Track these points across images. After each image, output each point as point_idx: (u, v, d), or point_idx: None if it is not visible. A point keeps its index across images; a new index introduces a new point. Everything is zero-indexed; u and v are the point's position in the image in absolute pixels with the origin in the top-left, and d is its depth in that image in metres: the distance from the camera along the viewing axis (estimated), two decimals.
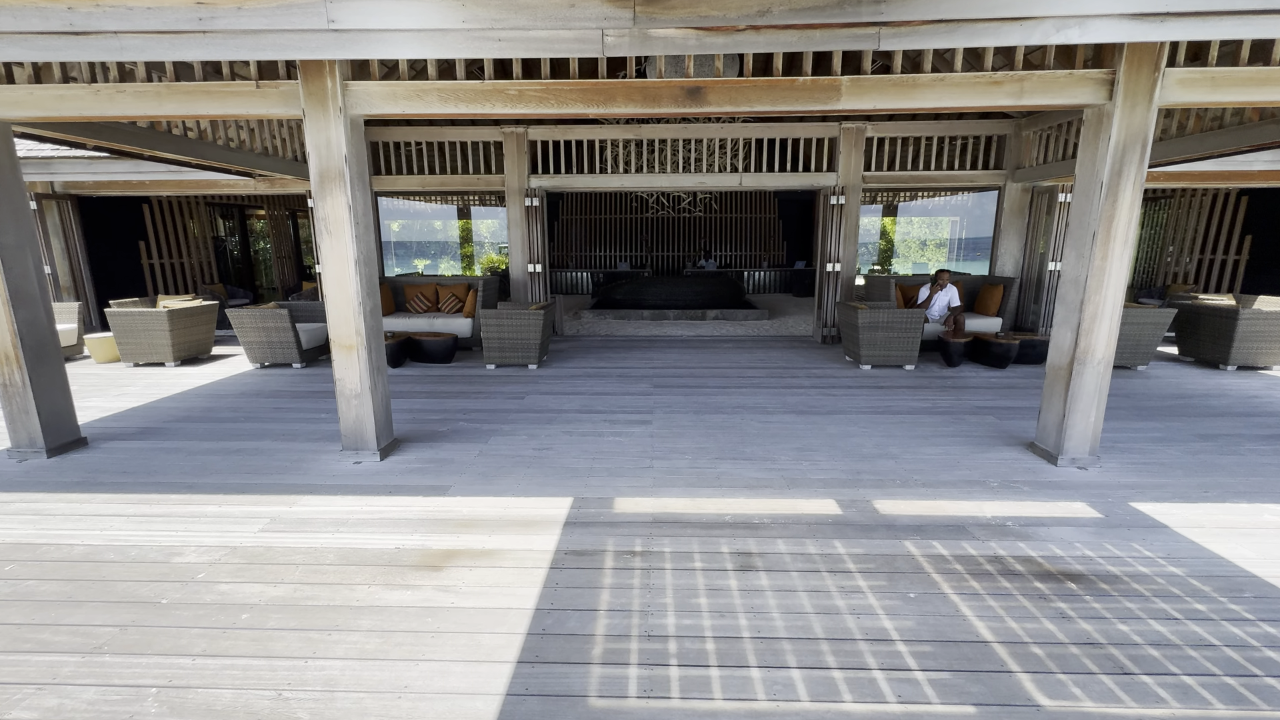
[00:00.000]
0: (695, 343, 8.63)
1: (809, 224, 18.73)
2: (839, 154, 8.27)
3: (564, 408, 5.33)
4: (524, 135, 8.40)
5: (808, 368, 6.94)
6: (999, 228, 8.52)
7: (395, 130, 8.53)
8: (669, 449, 4.28)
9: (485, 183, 8.61)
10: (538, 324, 6.77)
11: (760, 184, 8.49)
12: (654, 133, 8.40)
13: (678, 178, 8.52)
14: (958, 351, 6.82)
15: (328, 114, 3.60)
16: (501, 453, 4.22)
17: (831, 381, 6.24)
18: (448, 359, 7.23)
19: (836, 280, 8.26)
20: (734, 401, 5.50)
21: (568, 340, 8.94)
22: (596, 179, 8.54)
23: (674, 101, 3.59)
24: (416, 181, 8.64)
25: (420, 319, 8.00)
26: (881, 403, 5.44)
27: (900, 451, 4.20)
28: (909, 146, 8.48)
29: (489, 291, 8.20)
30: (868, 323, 6.62)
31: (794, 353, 7.83)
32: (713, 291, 11.55)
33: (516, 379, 6.42)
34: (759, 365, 7.08)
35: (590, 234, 17.91)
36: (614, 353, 7.91)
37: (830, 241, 8.19)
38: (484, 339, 6.86)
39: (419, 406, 5.39)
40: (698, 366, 7.02)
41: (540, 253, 8.48)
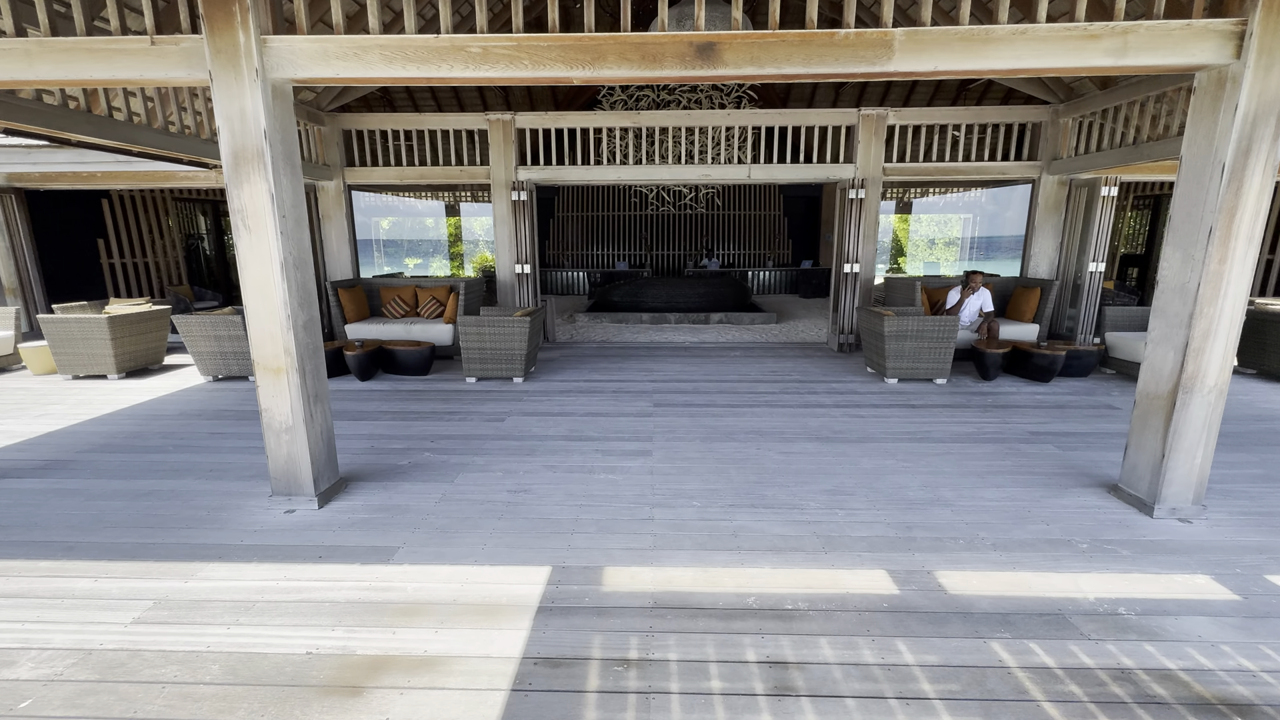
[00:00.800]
0: (699, 351, 7.87)
1: (815, 221, 17.99)
2: (857, 143, 7.51)
3: (549, 433, 4.58)
4: (510, 123, 7.63)
5: (826, 381, 6.18)
6: (1032, 225, 7.76)
7: (368, 117, 7.76)
8: (673, 491, 3.52)
9: (469, 175, 7.84)
10: (523, 333, 6.01)
11: (771, 176, 7.73)
12: (653, 120, 7.63)
13: (680, 170, 7.76)
14: (995, 363, 6.07)
15: (240, 77, 2.84)
16: (469, 496, 3.46)
17: (856, 399, 5.49)
18: (423, 370, 6.48)
19: (855, 282, 7.50)
20: (746, 425, 4.75)
21: (559, 347, 8.18)
22: (591, 171, 7.77)
23: (680, 61, 2.84)
24: (394, 174, 7.88)
25: (397, 325, 7.24)
26: (918, 427, 4.69)
27: (954, 495, 3.45)
28: (934, 136, 7.73)
29: (472, 294, 7.44)
30: (895, 331, 5.87)
31: (809, 362, 7.08)
32: (717, 293, 10.80)
33: (498, 395, 5.67)
34: (771, 378, 6.33)
35: (587, 231, 17.15)
36: (610, 362, 7.15)
37: (848, 239, 7.43)
38: (463, 349, 6.10)
39: (381, 432, 4.63)
40: (703, 380, 6.26)
41: (529, 252, 7.72)
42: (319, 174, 7.63)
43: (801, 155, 7.74)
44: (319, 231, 7.96)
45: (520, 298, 7.83)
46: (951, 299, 6.93)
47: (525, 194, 7.53)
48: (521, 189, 7.51)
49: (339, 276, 8.10)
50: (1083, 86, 7.05)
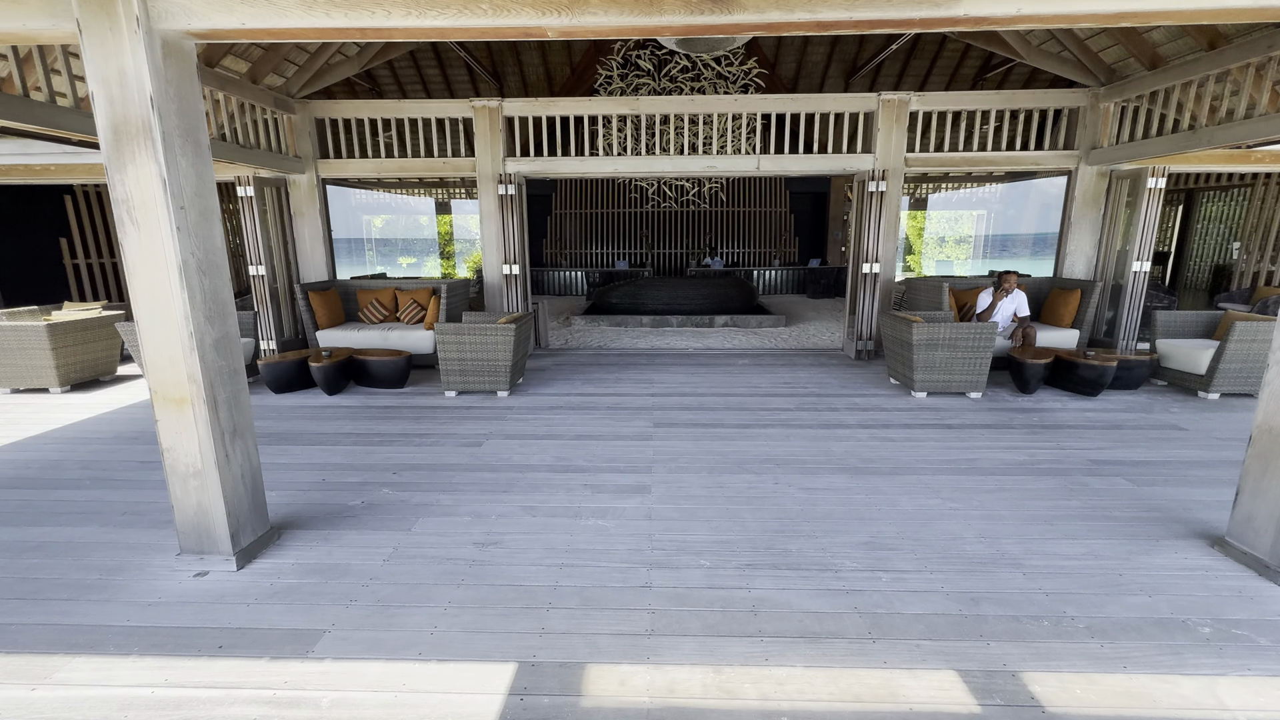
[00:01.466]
0: (704, 358, 7.23)
1: (823, 218, 17.34)
2: (877, 131, 6.86)
3: (533, 461, 3.94)
4: (498, 110, 6.99)
5: (846, 394, 5.54)
6: (1067, 220, 7.10)
7: (343, 105, 7.12)
8: (675, 543, 2.89)
9: (453, 168, 7.20)
10: (507, 342, 5.38)
11: (782, 168, 7.08)
12: (654, 107, 6.98)
13: (682, 161, 7.11)
14: (1036, 375, 5.42)
15: (117, 28, 2.20)
16: (426, 551, 2.83)
17: (882, 418, 4.84)
18: (399, 383, 5.85)
19: (874, 284, 6.85)
20: (760, 450, 4.11)
21: (552, 354, 7.55)
22: (585, 163, 7.13)
23: (685, 6, 2.19)
24: (371, 166, 7.24)
25: (374, 331, 6.62)
26: (959, 453, 4.04)
27: (1021, 550, 2.81)
28: (960, 123, 7.08)
29: (455, 298, 6.81)
30: (925, 340, 5.22)
31: (825, 372, 6.43)
32: (721, 294, 10.16)
33: (479, 413, 5.03)
34: (785, 391, 5.68)
35: (585, 229, 16.52)
36: (606, 371, 6.51)
37: (867, 236, 6.78)
38: (441, 360, 5.47)
39: (338, 460, 4.00)
40: (708, 393, 5.63)
41: (518, 251, 7.07)
42: (289, 166, 7.00)
43: (815, 145, 7.09)
44: (290, 229, 7.33)
45: (508, 301, 7.20)
46: (982, 302, 6.28)
47: (513, 187, 6.89)
48: (509, 182, 6.87)
49: (313, 278, 7.47)
50: (1126, 67, 6.38)
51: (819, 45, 12.37)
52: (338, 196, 18.49)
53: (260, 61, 6.40)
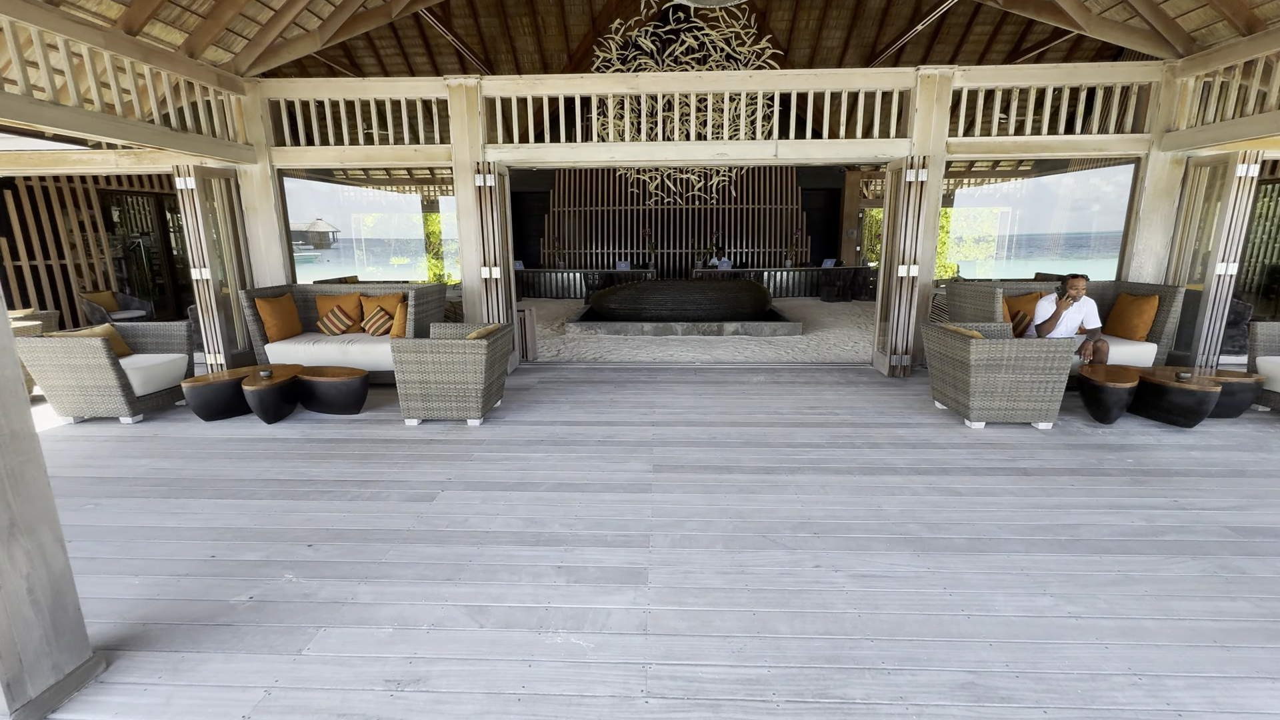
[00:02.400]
0: (713, 374, 6.29)
1: (836, 216, 16.39)
2: (914, 113, 5.92)
3: (494, 527, 3.03)
4: (476, 89, 6.07)
5: (886, 424, 4.60)
6: (1135, 215, 6.13)
7: (299, 84, 6.22)
8: (682, 684, 1.96)
9: (426, 156, 6.29)
10: (477, 362, 4.46)
11: (803, 156, 6.14)
12: (655, 85, 6.06)
13: (689, 148, 6.18)
14: (1118, 401, 4.46)
15: None
16: (310, 701, 1.91)
17: (937, 457, 3.90)
18: (353, 407, 4.94)
19: (912, 289, 5.90)
20: (790, 509, 3.18)
21: (540, 368, 6.62)
22: (578, 150, 6.21)
23: None
24: (333, 155, 6.34)
25: (332, 344, 5.72)
26: (1051, 514, 3.10)
27: (1203, 704, 1.87)
28: (1010, 103, 6.11)
29: (426, 305, 5.90)
30: (985, 359, 4.28)
31: (855, 394, 5.49)
32: (732, 298, 9.22)
33: (440, 449, 4.12)
34: (811, 418, 4.75)
35: (585, 228, 15.62)
36: (600, 392, 5.59)
37: (903, 234, 5.82)
38: (399, 383, 4.56)
39: (243, 523, 3.09)
40: (720, 421, 4.70)
41: (498, 251, 6.14)
42: (239, 155, 6.11)
43: (843, 130, 6.14)
44: (241, 227, 6.43)
45: (488, 309, 6.27)
46: (1042, 312, 5.32)
47: (493, 178, 5.97)
48: (489, 172, 5.94)
49: (270, 282, 6.58)
50: (1212, 34, 5.41)
51: (835, 29, 11.42)
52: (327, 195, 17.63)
53: (198, 32, 5.51)
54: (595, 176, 15.35)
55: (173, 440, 4.35)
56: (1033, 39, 10.42)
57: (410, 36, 11.17)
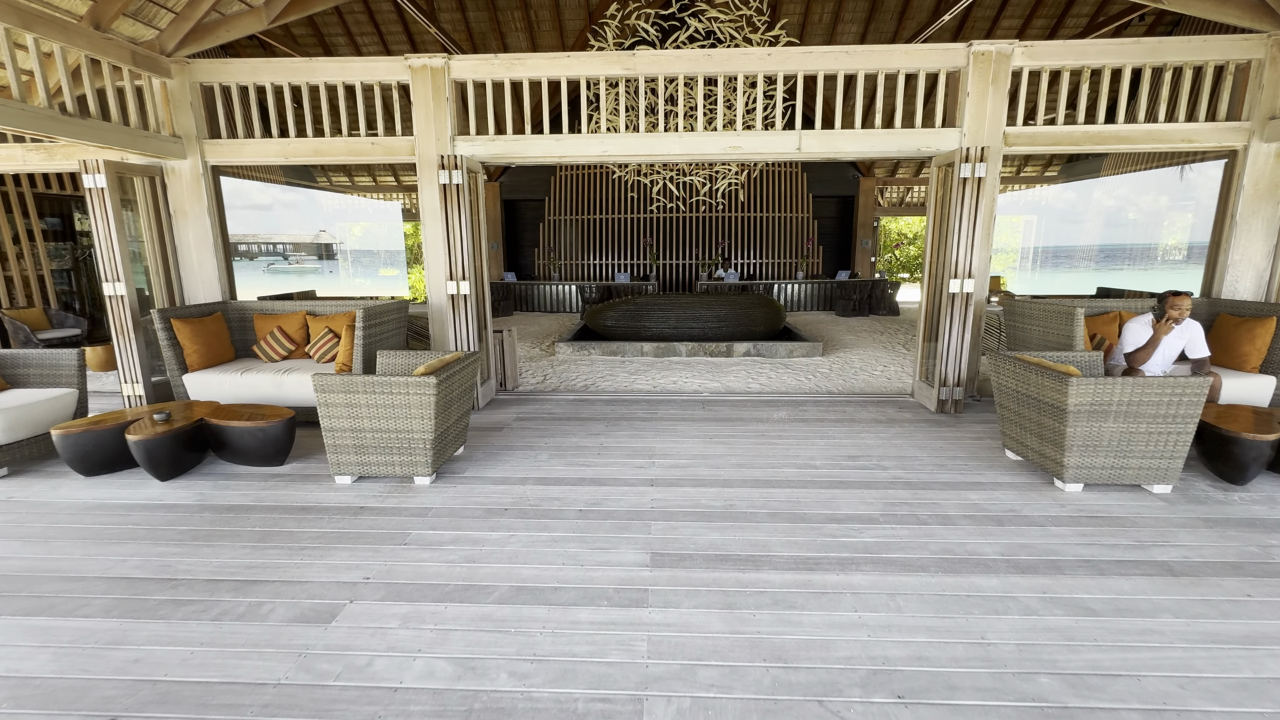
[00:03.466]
0: (724, 407, 5.27)
1: (848, 225, 15.44)
2: (964, 97, 4.95)
3: (407, 679, 2.00)
4: (443, 71, 5.12)
5: (953, 484, 3.57)
6: (1229, 219, 5.12)
7: (235, 66, 5.27)
8: None
9: (386, 150, 5.33)
10: (425, 405, 3.44)
11: (831, 149, 5.17)
12: (656, 65, 5.10)
13: (696, 140, 5.21)
14: (1257, 457, 3.43)
15: None
16: None
17: (1038, 543, 2.87)
18: (276, 457, 3.92)
19: (966, 308, 4.88)
20: (856, 647, 2.16)
21: (520, 400, 5.61)
22: (563, 143, 5.25)
23: None
24: (275, 149, 5.38)
25: (266, 373, 4.72)
26: (1246, 658, 2.07)
27: None
28: (1079, 86, 5.14)
29: (380, 327, 4.90)
30: (1088, 403, 3.25)
31: (901, 436, 4.46)
32: (742, 315, 8.21)
33: (367, 527, 3.10)
34: (855, 475, 3.72)
35: (582, 238, 14.67)
36: (587, 434, 4.57)
37: (956, 243, 4.82)
38: (325, 431, 3.55)
39: (30, 670, 2.07)
40: (738, 478, 3.67)
41: (467, 262, 5.14)
42: (164, 149, 5.16)
43: (878, 117, 5.16)
44: (168, 235, 5.47)
45: (456, 332, 5.26)
46: (1133, 336, 4.29)
47: (460, 175, 4.98)
48: (455, 167, 4.96)
49: (203, 297, 5.60)
50: None
51: (851, 22, 10.52)
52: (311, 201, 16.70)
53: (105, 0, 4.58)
54: (593, 183, 14.44)
55: (26, 507, 3.34)
56: (1074, 22, 9.47)
57: (393, 31, 10.29)
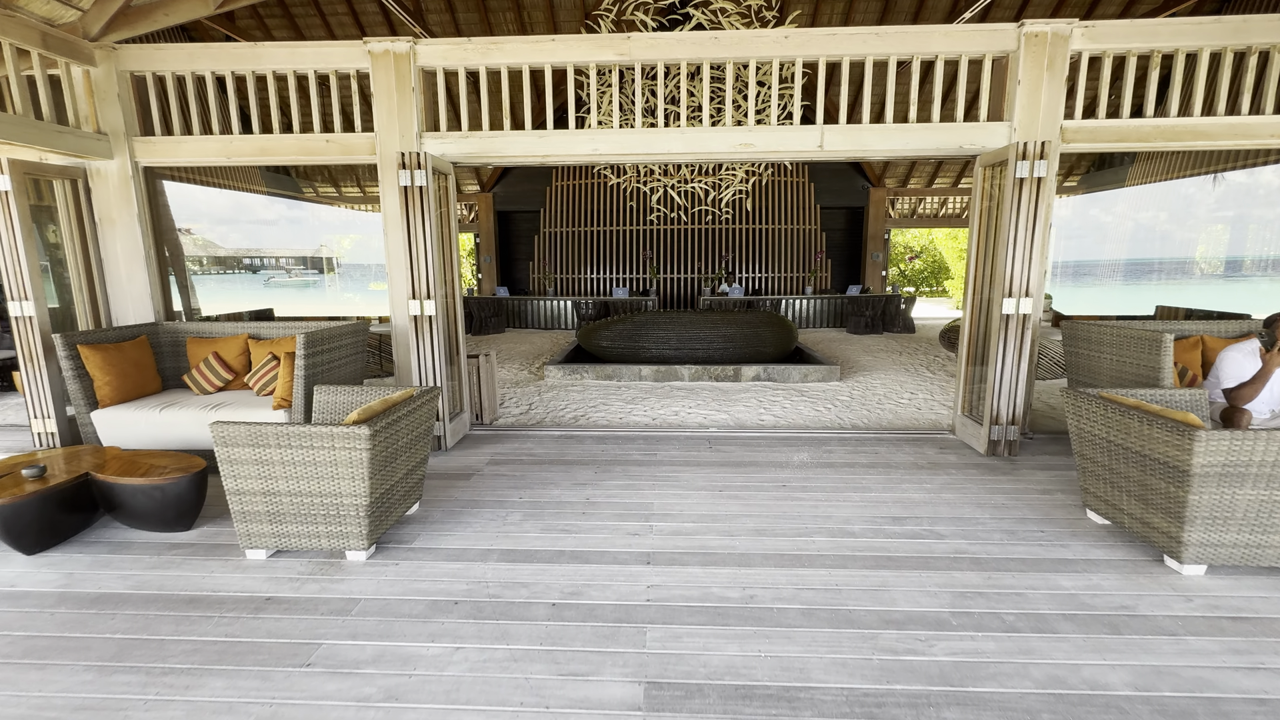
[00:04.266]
0: (734, 446, 4.49)
1: (858, 237, 14.76)
2: (1015, 86, 4.24)
3: None
4: (408, 57, 4.42)
5: (1034, 563, 2.79)
6: None
7: (169, 52, 4.58)
8: None
9: (342, 148, 4.62)
10: (356, 464, 2.67)
11: (858, 146, 4.45)
12: (655, 50, 4.40)
13: (701, 136, 4.50)
14: None
15: None
16: None
17: (1169, 658, 2.08)
18: (180, 520, 3.15)
19: (1023, 333, 4.12)
20: None
21: (497, 437, 4.83)
22: (548, 140, 4.53)
23: None
24: (216, 147, 4.67)
25: (191, 408, 3.97)
26: None
27: None
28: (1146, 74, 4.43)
29: (329, 354, 4.15)
30: (1220, 464, 2.48)
31: (952, 488, 3.68)
32: (751, 335, 7.46)
33: (268, 633, 2.32)
34: (905, 549, 2.94)
35: (578, 251, 13.99)
36: (572, 483, 3.80)
37: (1009, 254, 4.07)
38: (229, 493, 2.78)
39: None
40: (759, 555, 2.90)
41: (433, 278, 4.37)
42: (87, 147, 4.46)
43: (913, 110, 4.44)
44: (92, 246, 4.74)
45: (420, 360, 4.49)
46: (1233, 368, 3.53)
47: (424, 175, 4.24)
48: (417, 166, 4.22)
49: (133, 317, 4.87)
50: None
51: (866, 14, 9.89)
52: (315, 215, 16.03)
53: None
54: (590, 193, 13.77)
55: None
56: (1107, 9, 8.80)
57: (375, 24, 9.67)
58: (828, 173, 13.83)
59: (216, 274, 50.81)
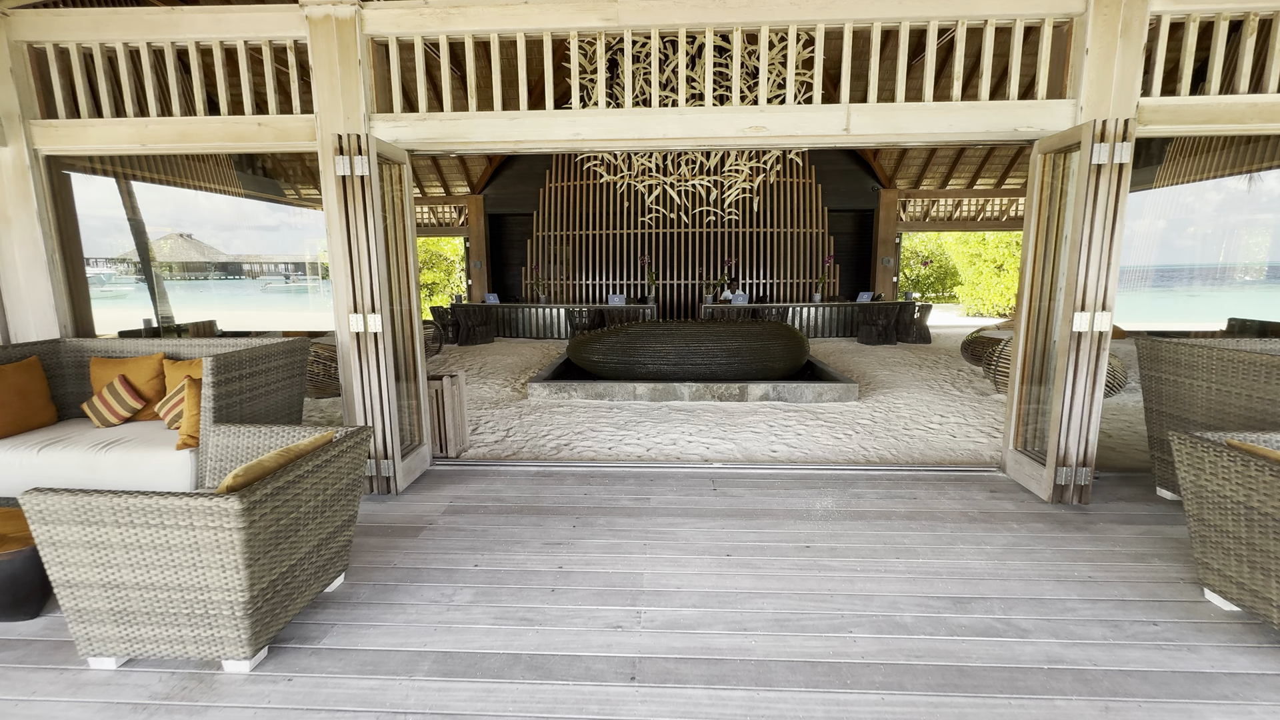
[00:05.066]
0: (743, 490, 3.74)
1: (867, 242, 14.05)
2: (1081, 56, 3.51)
3: None
4: (353, 23, 3.70)
5: (1153, 673, 2.03)
6: None
7: (70, 19, 3.85)
8: None
9: (277, 133, 3.89)
10: (226, 547, 1.92)
11: (892, 129, 3.72)
12: (644, 13, 3.68)
13: (703, 117, 3.77)
14: None
15: None
16: None
17: None
18: (18, 609, 2.40)
19: (1097, 353, 3.37)
20: None
21: (460, 474, 4.08)
22: (520, 122, 3.81)
23: None
24: (129, 132, 3.94)
25: (79, 447, 3.24)
26: None
27: None
28: (1240, 44, 3.70)
29: (250, 380, 3.40)
30: None
31: (1015, 547, 2.92)
32: (758, 349, 6.71)
33: None
34: (974, 650, 2.19)
35: (573, 255, 13.28)
36: (541, 543, 3.05)
37: (1083, 260, 3.32)
38: (55, 584, 2.03)
39: None
40: (777, 655, 2.15)
41: (378, 287, 3.62)
42: None
43: (957, 86, 3.72)
44: None
45: (364, 387, 3.73)
46: None
47: (365, 163, 3.49)
48: (360, 152, 3.49)
49: (35, 332, 4.13)
50: None
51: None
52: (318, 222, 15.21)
53: None
54: (586, 194, 13.07)
55: None
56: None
57: None
58: (835, 173, 13.13)
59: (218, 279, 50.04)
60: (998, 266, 19.26)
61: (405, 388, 4.03)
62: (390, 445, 3.65)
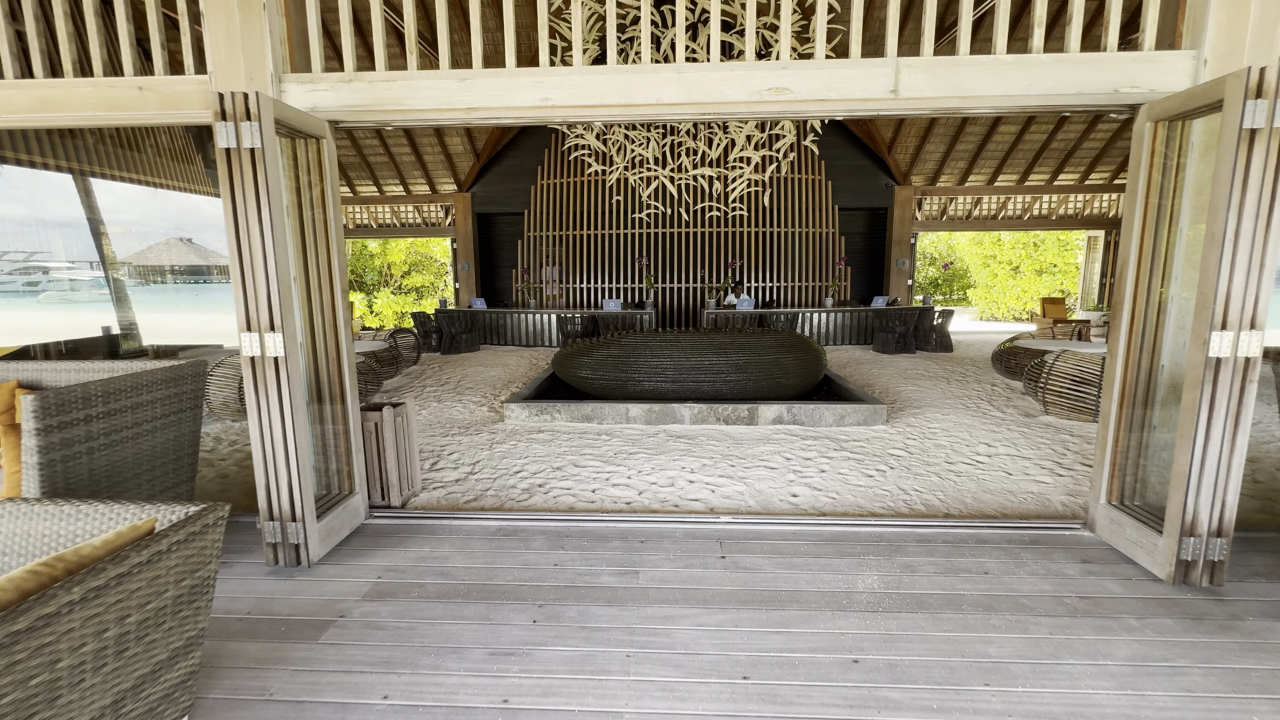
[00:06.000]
0: (758, 559, 2.88)
1: (879, 243, 13.21)
2: None
3: None
4: None
5: None
6: None
7: None
8: None
9: (163, 99, 3.04)
10: None
11: (955, 89, 2.86)
12: None
13: (707, 78, 2.92)
14: None
15: None
16: None
17: None
18: None
19: (1242, 385, 2.51)
20: None
21: (402, 531, 3.22)
22: (472, 85, 2.96)
23: None
24: None
25: None
26: None
27: None
28: None
29: (102, 421, 2.55)
30: None
31: (1141, 659, 2.07)
32: (769, 363, 5.84)
33: None
34: None
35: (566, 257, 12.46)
36: (485, 651, 2.20)
37: (1224, 259, 2.46)
38: None
39: None
40: None
41: (278, 300, 2.76)
42: None
43: (1039, 34, 2.87)
44: None
45: (264, 428, 2.87)
46: None
47: (259, 132, 2.63)
48: (249, 118, 2.63)
49: None
50: None
51: None
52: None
53: None
54: (579, 191, 12.24)
55: None
56: None
57: None
58: (846, 169, 12.29)
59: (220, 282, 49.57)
60: (1014, 268, 18.40)
61: (331, 425, 3.18)
62: (298, 503, 2.79)
